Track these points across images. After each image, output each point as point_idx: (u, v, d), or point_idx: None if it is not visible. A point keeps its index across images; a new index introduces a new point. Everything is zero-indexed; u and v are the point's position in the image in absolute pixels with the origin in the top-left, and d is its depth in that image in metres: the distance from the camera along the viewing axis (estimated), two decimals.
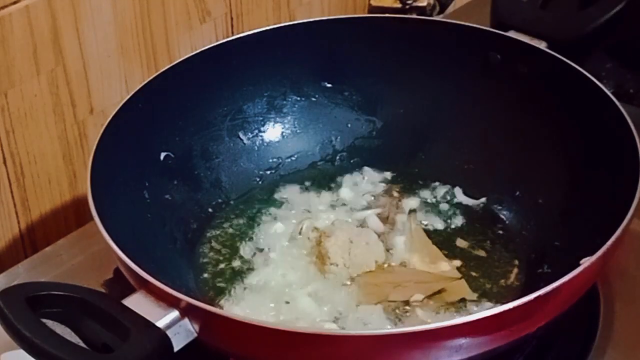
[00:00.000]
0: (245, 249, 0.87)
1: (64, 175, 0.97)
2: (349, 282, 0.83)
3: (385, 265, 0.85)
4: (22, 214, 0.95)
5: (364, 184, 0.94)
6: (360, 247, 0.84)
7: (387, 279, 0.83)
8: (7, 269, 0.90)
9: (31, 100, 0.91)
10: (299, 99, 0.97)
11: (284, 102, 0.97)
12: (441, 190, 0.92)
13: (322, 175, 0.95)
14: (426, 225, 0.89)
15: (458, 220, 0.90)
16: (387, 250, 0.86)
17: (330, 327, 0.79)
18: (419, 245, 0.87)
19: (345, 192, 0.93)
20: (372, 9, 1.15)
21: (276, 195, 0.93)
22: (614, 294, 0.84)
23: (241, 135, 0.95)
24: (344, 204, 0.92)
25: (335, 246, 0.84)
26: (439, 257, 0.86)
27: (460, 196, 0.92)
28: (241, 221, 0.91)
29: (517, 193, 0.90)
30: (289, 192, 0.93)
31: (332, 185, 0.94)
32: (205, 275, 0.85)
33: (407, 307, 0.81)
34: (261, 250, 0.87)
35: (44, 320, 0.67)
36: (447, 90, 0.95)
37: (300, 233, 0.88)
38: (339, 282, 0.83)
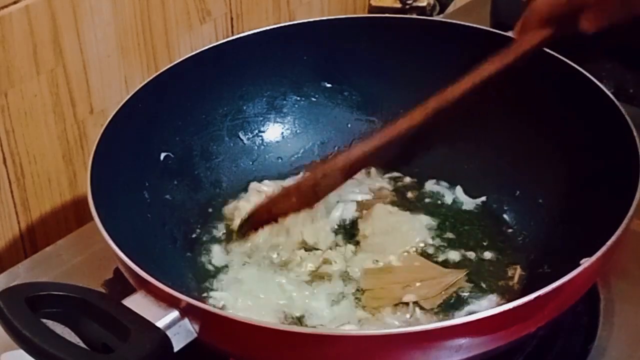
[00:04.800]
0: (245, 250, 0.87)
1: (64, 175, 0.97)
2: (349, 283, 0.83)
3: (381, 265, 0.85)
4: (22, 214, 0.95)
5: (364, 184, 0.94)
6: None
7: (391, 280, 0.82)
8: (7, 269, 0.90)
9: (31, 100, 0.91)
10: (299, 99, 0.97)
11: (284, 102, 0.97)
12: (441, 189, 0.92)
13: None
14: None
15: (458, 220, 0.89)
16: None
17: (330, 328, 0.78)
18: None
19: (344, 192, 0.93)
20: (372, 9, 1.15)
21: None
22: (614, 294, 0.84)
23: (241, 135, 0.95)
24: (343, 204, 0.92)
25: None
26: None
27: (460, 195, 0.92)
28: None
29: (517, 193, 0.90)
30: None
31: None
32: (205, 275, 0.85)
33: (406, 307, 0.81)
34: (261, 250, 0.87)
35: (44, 320, 0.67)
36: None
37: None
38: (339, 283, 0.83)
